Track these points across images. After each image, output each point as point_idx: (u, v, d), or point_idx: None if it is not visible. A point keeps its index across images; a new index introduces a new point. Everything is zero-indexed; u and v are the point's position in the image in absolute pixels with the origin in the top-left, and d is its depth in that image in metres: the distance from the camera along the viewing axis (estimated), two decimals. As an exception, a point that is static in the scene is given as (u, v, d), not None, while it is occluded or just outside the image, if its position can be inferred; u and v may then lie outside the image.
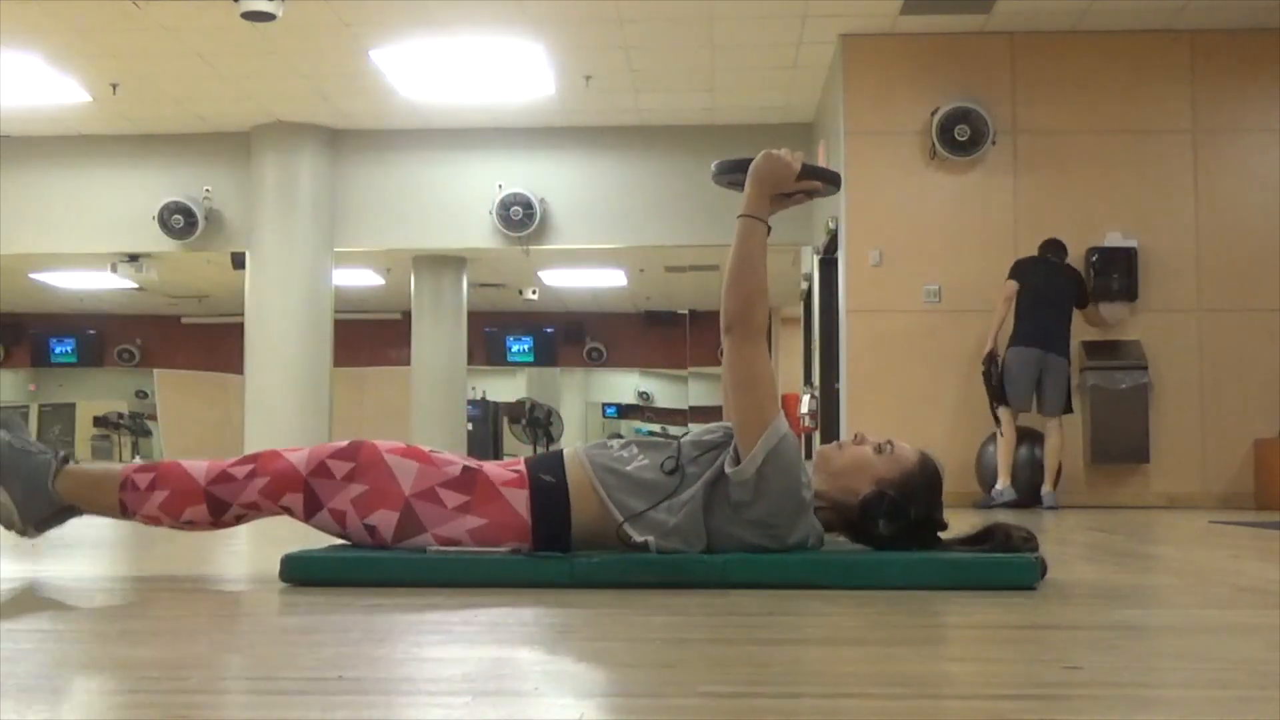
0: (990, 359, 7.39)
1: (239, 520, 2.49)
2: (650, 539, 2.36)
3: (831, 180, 2.50)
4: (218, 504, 2.44)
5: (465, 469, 2.43)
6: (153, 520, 2.46)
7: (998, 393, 7.32)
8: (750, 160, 2.47)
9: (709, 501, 2.38)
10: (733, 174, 2.50)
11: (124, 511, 2.47)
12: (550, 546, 2.40)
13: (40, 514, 2.47)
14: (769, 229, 2.45)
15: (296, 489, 2.43)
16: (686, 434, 2.55)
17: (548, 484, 2.42)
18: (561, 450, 2.51)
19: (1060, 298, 7.41)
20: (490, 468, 2.46)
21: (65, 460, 2.50)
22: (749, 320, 2.39)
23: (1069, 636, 1.88)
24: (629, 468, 2.43)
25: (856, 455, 2.50)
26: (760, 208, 2.43)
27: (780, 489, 2.35)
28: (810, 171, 2.46)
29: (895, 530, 2.43)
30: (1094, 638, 1.86)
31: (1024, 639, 1.84)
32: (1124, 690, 1.42)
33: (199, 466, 2.47)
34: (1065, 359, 7.37)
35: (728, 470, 2.36)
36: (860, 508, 2.45)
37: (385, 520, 2.41)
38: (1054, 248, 7.57)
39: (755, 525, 2.38)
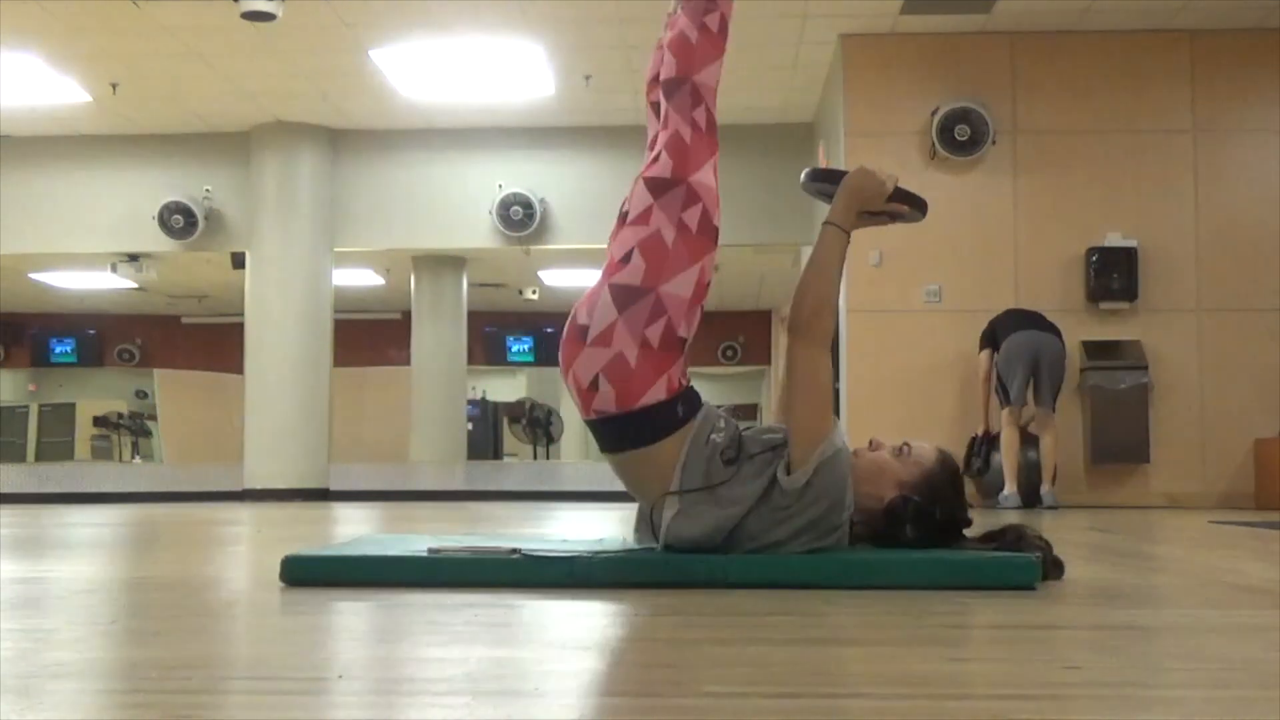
0: (985, 440, 7.42)
1: (651, 106, 2.65)
2: (665, 518, 2.35)
3: (920, 207, 2.52)
4: (671, 89, 2.54)
5: (681, 341, 2.43)
6: (681, 26, 2.56)
7: (1001, 397, 7.33)
8: (842, 172, 2.50)
9: (753, 506, 2.36)
10: (822, 183, 2.53)
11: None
12: (626, 433, 2.39)
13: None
14: (849, 241, 2.47)
15: (676, 171, 2.46)
16: (748, 426, 2.51)
17: (674, 414, 2.39)
18: (707, 406, 2.47)
19: (1027, 314, 7.50)
20: (682, 362, 2.45)
21: None
22: (816, 326, 2.41)
23: (1069, 636, 1.88)
24: (707, 439, 2.40)
25: (876, 461, 2.49)
26: (847, 220, 2.47)
27: (825, 503, 2.34)
28: (902, 194, 2.48)
29: (922, 534, 2.43)
30: (1094, 638, 1.86)
31: (1024, 639, 1.84)
32: (1124, 690, 1.42)
33: (713, 70, 2.56)
34: (1061, 340, 7.39)
35: (780, 477, 2.34)
36: (885, 515, 2.44)
37: (635, 272, 2.40)
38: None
39: (787, 529, 2.36)
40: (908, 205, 2.49)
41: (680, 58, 2.53)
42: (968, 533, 2.52)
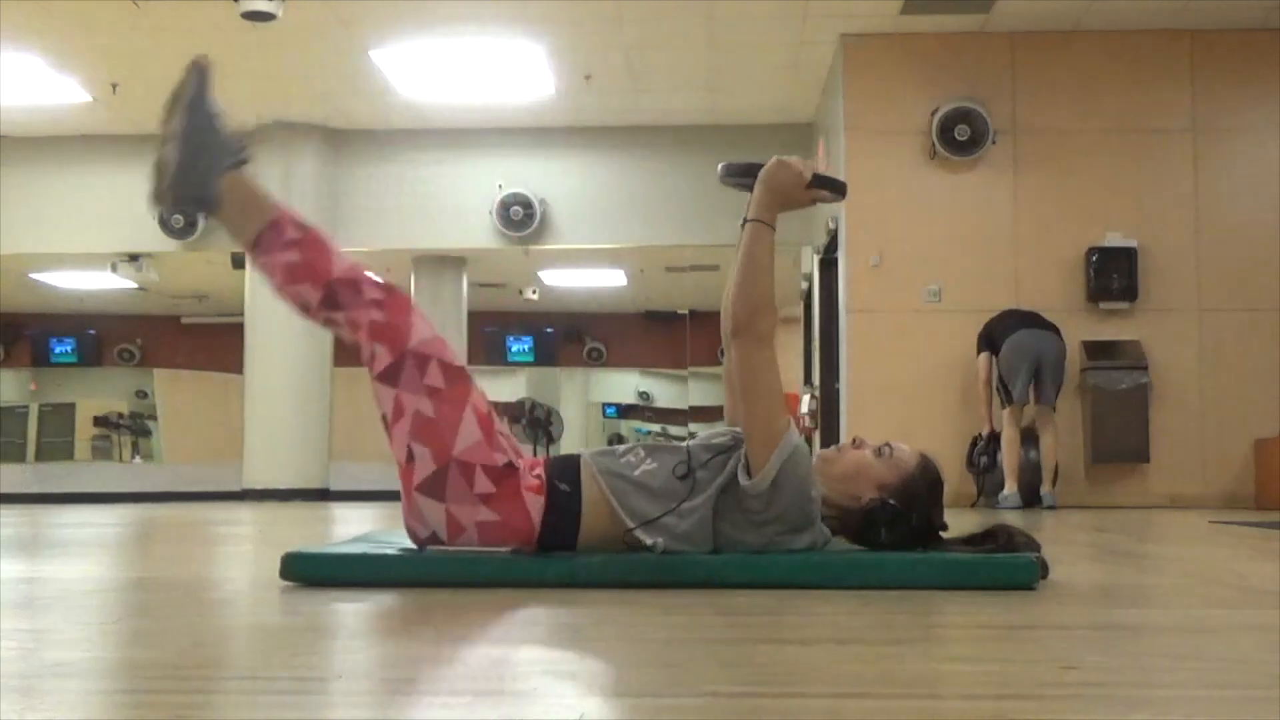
0: (991, 439, 7.42)
1: (327, 324, 2.46)
2: (659, 540, 2.36)
3: (838, 189, 2.50)
4: (331, 301, 2.41)
5: (507, 464, 2.40)
6: (268, 270, 2.45)
7: (1003, 397, 7.33)
8: (758, 165, 2.46)
9: (719, 507, 2.38)
10: (740, 177, 2.50)
11: (254, 246, 2.45)
12: (554, 550, 2.40)
13: (190, 192, 2.45)
14: (774, 233, 2.45)
15: (395, 352, 2.38)
16: (692, 438, 2.53)
17: (563, 493, 2.40)
18: (579, 456, 2.48)
19: (1022, 314, 7.50)
20: (523, 468, 2.43)
21: (244, 164, 2.46)
22: (757, 326, 2.38)
23: (1069, 636, 1.88)
24: (637, 473, 2.42)
25: (857, 460, 2.50)
26: (769, 213, 2.43)
27: (792, 501, 2.36)
28: (820, 180, 2.46)
29: (896, 539, 2.44)
30: (1093, 638, 1.86)
31: (1024, 639, 1.84)
32: (1123, 690, 1.42)
33: (343, 260, 2.45)
34: (1061, 337, 7.39)
35: (741, 481, 2.35)
36: (862, 516, 2.45)
37: (425, 461, 2.38)
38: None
39: (764, 532, 2.38)
40: (827, 190, 2.48)
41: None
42: (951, 535, 2.52)
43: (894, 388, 7.84)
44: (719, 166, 2.55)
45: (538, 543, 2.39)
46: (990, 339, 7.44)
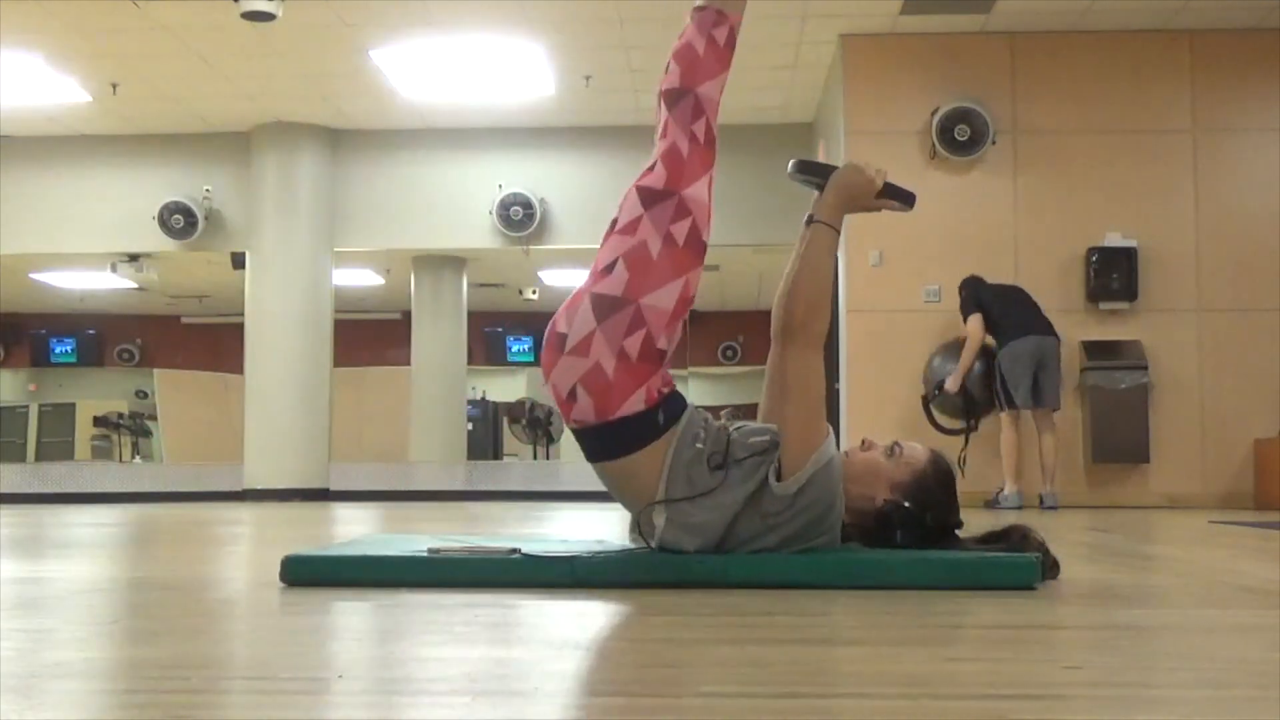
0: (936, 393, 7.38)
1: (658, 110, 2.52)
2: (656, 527, 2.34)
3: (908, 200, 2.50)
4: (672, 99, 2.49)
5: (660, 353, 2.39)
6: (687, 35, 2.54)
7: (1002, 400, 7.31)
8: (832, 167, 2.47)
9: (742, 510, 2.34)
10: (813, 175, 2.50)
11: (703, 8, 2.55)
12: (602, 445, 2.38)
13: None
14: (838, 236, 2.45)
15: (670, 182, 2.42)
16: (738, 427, 2.46)
17: (653, 421, 2.35)
18: (688, 408, 2.44)
19: (1015, 291, 7.45)
20: (662, 373, 2.42)
21: None
22: (811, 327, 2.37)
23: (1069, 636, 1.88)
24: (691, 446, 2.37)
25: (867, 461, 2.48)
26: (836, 216, 2.43)
27: (816, 511, 2.34)
28: (890, 190, 2.46)
29: (911, 540, 2.42)
30: (1094, 638, 1.86)
31: (1024, 639, 1.84)
32: (1124, 690, 1.42)
33: (714, 83, 2.51)
34: (1059, 341, 7.38)
35: (771, 482, 2.32)
36: (876, 519, 2.44)
37: (617, 282, 2.36)
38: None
39: (778, 534, 2.35)
40: (897, 200, 2.48)
41: (684, 68, 2.50)
42: (965, 532, 2.51)
43: (894, 387, 7.84)
44: (790, 162, 2.55)
45: (603, 425, 2.36)
46: (979, 301, 7.36)
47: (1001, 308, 7.37)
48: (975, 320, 7.32)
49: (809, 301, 2.38)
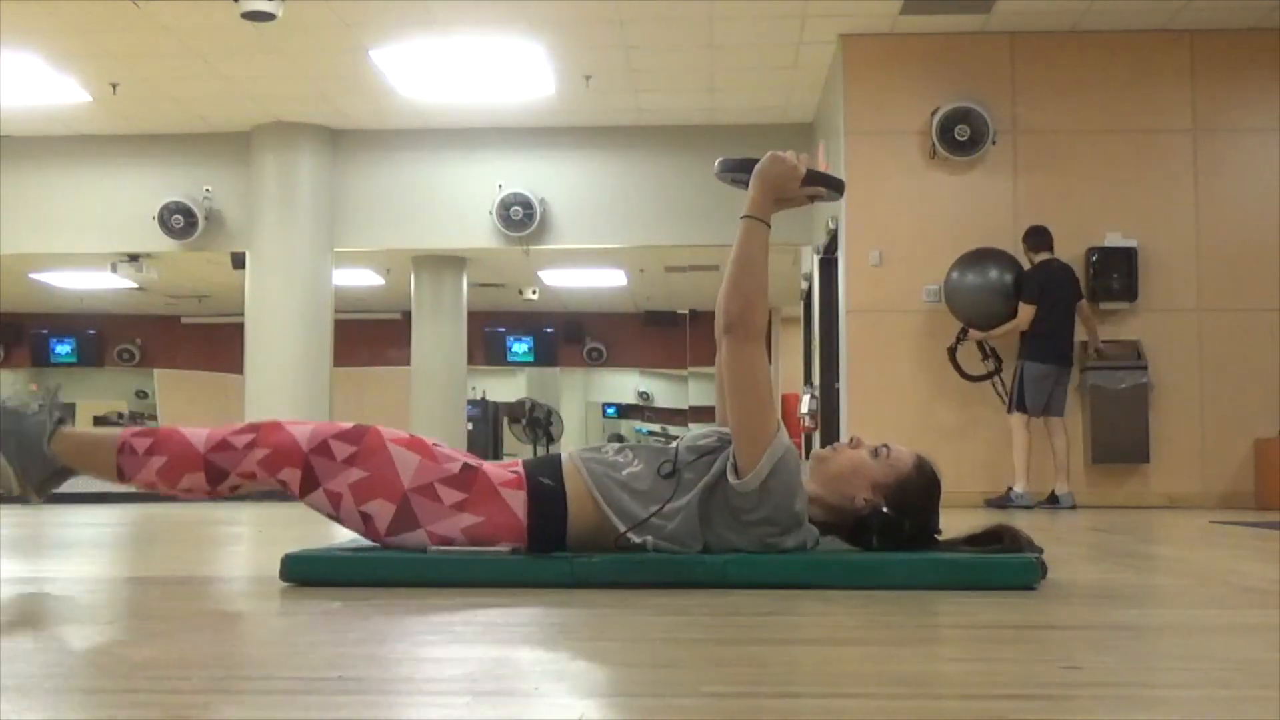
0: (961, 338, 7.54)
1: (234, 490, 2.45)
2: (649, 538, 2.36)
3: (835, 186, 2.49)
4: (216, 472, 2.41)
5: (465, 466, 2.42)
6: (149, 486, 2.43)
7: (1014, 403, 7.37)
8: (755, 160, 2.45)
9: (706, 507, 2.37)
10: (736, 172, 2.49)
11: (121, 476, 2.43)
12: (546, 549, 2.39)
13: (39, 476, 2.42)
14: (769, 229, 2.44)
15: (296, 464, 2.40)
16: (679, 439, 2.52)
17: (546, 487, 2.40)
18: (560, 454, 2.49)
19: (1070, 303, 7.48)
20: (489, 467, 2.45)
21: (60, 421, 2.44)
22: (749, 322, 2.37)
23: (1069, 636, 1.88)
24: (624, 473, 2.42)
25: (853, 459, 2.48)
26: (764, 209, 2.41)
27: (780, 503, 2.35)
28: (815, 177, 2.44)
29: (888, 544, 2.44)
30: (1094, 638, 1.86)
31: (1024, 639, 1.84)
32: (1124, 690, 1.42)
33: (199, 434, 2.43)
34: (1071, 366, 7.55)
35: (730, 480, 2.34)
36: (854, 520, 2.45)
37: (382, 511, 2.40)
38: (1045, 238, 7.55)
39: (752, 532, 2.37)
40: (823, 186, 2.47)
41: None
42: (951, 535, 2.51)
43: (894, 387, 7.85)
44: (716, 162, 2.54)
45: (529, 538, 2.39)
46: (1041, 292, 7.36)
47: (1047, 318, 7.37)
48: (1027, 311, 7.39)
49: (745, 296, 2.37)
